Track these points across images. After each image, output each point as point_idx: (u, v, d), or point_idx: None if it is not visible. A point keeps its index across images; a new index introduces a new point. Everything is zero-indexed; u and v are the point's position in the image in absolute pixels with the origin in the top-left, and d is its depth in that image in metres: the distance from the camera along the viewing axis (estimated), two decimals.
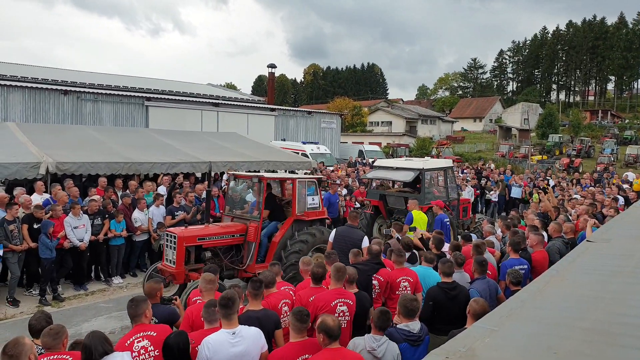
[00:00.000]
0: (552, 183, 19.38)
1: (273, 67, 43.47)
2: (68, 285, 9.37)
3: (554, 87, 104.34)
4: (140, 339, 3.84)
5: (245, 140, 19.03)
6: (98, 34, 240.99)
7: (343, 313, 4.78)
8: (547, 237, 8.09)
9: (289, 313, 4.80)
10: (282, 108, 33.54)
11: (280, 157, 17.06)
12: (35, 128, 15.78)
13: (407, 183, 12.05)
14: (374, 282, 5.72)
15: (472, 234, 8.80)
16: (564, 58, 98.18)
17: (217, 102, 27.96)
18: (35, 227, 8.52)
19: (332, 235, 7.76)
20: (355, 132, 61.15)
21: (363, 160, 30.24)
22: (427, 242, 7.99)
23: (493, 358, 2.13)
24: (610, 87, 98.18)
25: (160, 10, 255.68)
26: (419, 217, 9.67)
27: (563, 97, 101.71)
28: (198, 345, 3.81)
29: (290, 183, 9.31)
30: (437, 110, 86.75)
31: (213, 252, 8.21)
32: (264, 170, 15.69)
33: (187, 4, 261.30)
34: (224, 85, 69.42)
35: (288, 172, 15.80)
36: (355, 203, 14.20)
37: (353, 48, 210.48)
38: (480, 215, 15.97)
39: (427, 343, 4.31)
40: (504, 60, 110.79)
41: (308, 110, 35.01)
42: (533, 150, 46.72)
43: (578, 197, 14.42)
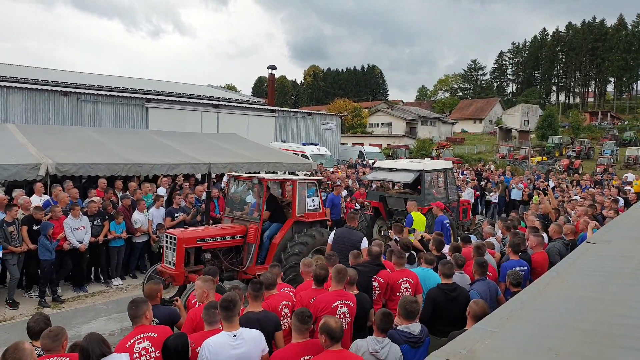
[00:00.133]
0: (552, 184, 19.38)
1: (273, 68, 43.52)
2: (67, 287, 9.36)
3: (554, 88, 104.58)
4: (141, 340, 3.85)
5: (246, 142, 19.03)
6: (98, 35, 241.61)
7: (344, 315, 4.77)
8: (547, 238, 8.09)
9: (290, 315, 4.81)
10: (282, 109, 33.54)
11: (281, 158, 17.05)
12: (35, 129, 15.77)
13: (407, 184, 12.06)
14: (374, 283, 5.72)
15: (471, 236, 8.79)
16: (564, 60, 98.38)
17: (217, 103, 27.95)
18: (35, 228, 8.51)
19: (331, 237, 7.74)
20: (356, 133, 61.24)
21: (363, 162, 30.26)
22: (427, 243, 7.99)
23: (493, 359, 2.13)
24: (610, 88, 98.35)
25: (161, 12, 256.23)
26: (418, 218, 9.67)
27: (563, 98, 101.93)
28: (198, 347, 3.81)
29: (291, 184, 9.30)
30: (437, 112, 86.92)
31: (213, 253, 8.19)
32: (264, 172, 15.69)
33: (187, 6, 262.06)
34: (224, 87, 69.44)
35: (288, 173, 15.80)
36: (356, 204, 14.20)
37: (353, 49, 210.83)
38: (481, 217, 15.96)
39: (427, 345, 4.31)
40: (504, 62, 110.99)
41: (308, 112, 35.02)
42: (533, 152, 46.77)
43: (578, 198, 14.42)
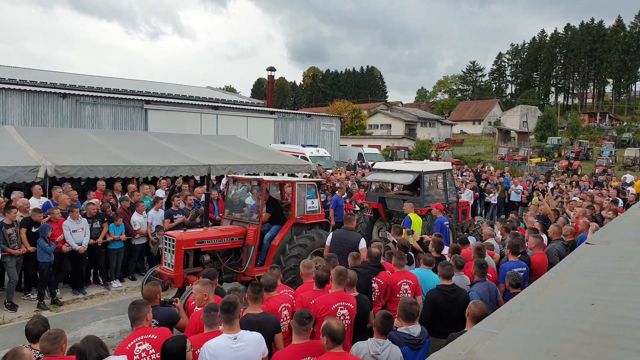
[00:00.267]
0: (551, 185, 19.38)
1: (272, 70, 43.52)
2: (66, 289, 9.35)
3: (553, 89, 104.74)
4: (142, 342, 3.85)
5: (245, 143, 19.02)
6: (98, 37, 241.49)
7: (344, 316, 4.77)
8: (546, 239, 8.10)
9: (290, 317, 4.81)
10: (281, 111, 33.53)
11: (280, 160, 17.04)
12: (34, 131, 15.76)
13: (406, 186, 12.07)
14: (374, 285, 5.71)
15: (470, 237, 8.80)
16: (562, 61, 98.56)
17: (216, 105, 27.94)
18: (34, 231, 8.50)
19: (329, 239, 7.72)
20: (355, 135, 61.23)
21: (362, 163, 30.28)
22: (426, 245, 7.99)
23: None
24: (608, 89, 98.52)
25: (160, 14, 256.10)
26: (416, 219, 9.68)
27: (561, 99, 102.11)
28: (199, 349, 3.80)
29: (290, 186, 9.30)
30: (436, 113, 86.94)
31: (212, 255, 8.17)
32: (264, 174, 15.69)
33: (186, 8, 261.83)
34: (224, 88, 69.45)
35: (288, 175, 15.80)
36: (355, 206, 14.20)
37: (352, 51, 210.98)
38: (480, 218, 15.97)
39: (427, 346, 4.31)
40: (503, 63, 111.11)
41: (307, 113, 35.02)
42: (532, 153, 46.81)
43: (577, 199, 14.43)
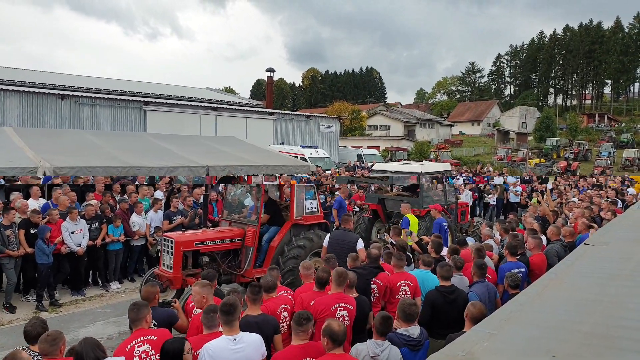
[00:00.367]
0: (550, 186, 19.37)
1: (272, 71, 43.57)
2: (65, 291, 9.32)
3: (551, 90, 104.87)
4: (141, 344, 3.84)
5: (244, 144, 18.98)
6: (97, 38, 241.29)
7: (343, 318, 4.75)
8: (545, 240, 8.11)
9: (289, 318, 4.80)
10: (280, 112, 33.56)
11: (279, 161, 17.01)
12: (32, 133, 15.71)
13: (405, 187, 12.01)
14: (373, 286, 5.71)
15: (468, 238, 8.80)
16: (561, 62, 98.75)
17: (215, 106, 27.96)
18: (32, 232, 8.49)
19: (326, 240, 7.71)
20: (354, 136, 61.32)
21: (361, 164, 30.30)
22: (425, 246, 7.99)
23: None
24: (607, 90, 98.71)
25: (159, 15, 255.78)
26: (413, 220, 9.68)
27: (560, 101, 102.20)
28: (198, 350, 3.78)
29: (289, 187, 9.29)
30: (435, 114, 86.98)
31: (211, 257, 8.15)
32: (263, 175, 15.64)
33: (185, 9, 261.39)
34: (223, 89, 69.41)
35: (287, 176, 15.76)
36: (354, 207, 14.19)
37: (352, 52, 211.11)
38: (479, 219, 15.97)
39: (426, 347, 4.29)
40: (502, 64, 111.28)
41: (306, 115, 35.05)
42: (531, 154, 46.88)
43: (576, 200, 14.43)
